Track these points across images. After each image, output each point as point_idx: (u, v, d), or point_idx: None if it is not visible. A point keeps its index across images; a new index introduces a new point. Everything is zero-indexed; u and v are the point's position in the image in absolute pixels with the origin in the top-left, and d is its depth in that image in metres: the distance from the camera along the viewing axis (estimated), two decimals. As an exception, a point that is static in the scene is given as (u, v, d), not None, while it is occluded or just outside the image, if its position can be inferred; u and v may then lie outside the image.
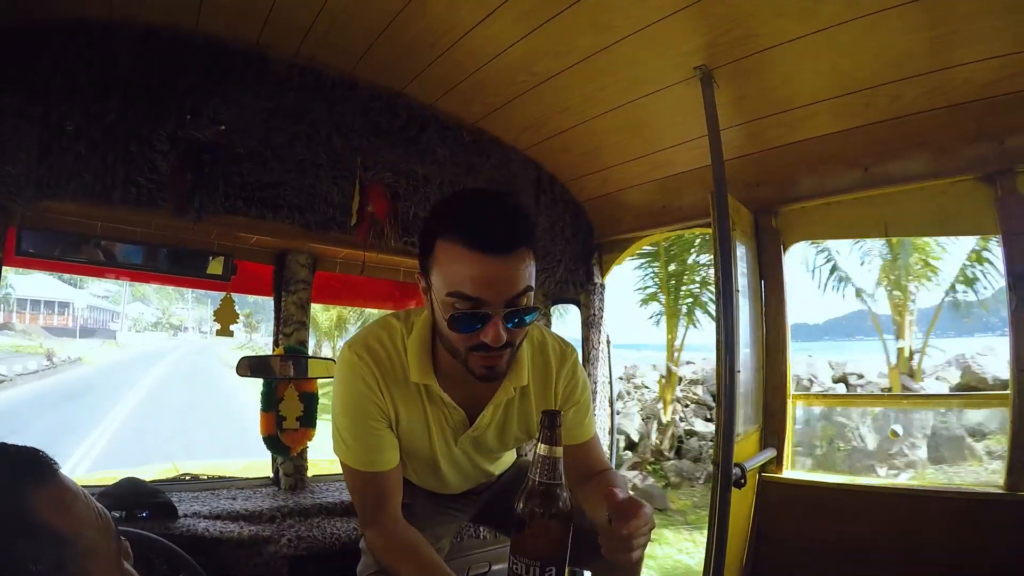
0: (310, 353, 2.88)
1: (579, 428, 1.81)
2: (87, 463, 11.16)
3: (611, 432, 3.57)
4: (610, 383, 3.52)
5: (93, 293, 72.51)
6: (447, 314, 1.41)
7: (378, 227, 2.67)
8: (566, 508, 1.20)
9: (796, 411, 2.99)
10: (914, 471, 9.78)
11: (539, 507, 1.18)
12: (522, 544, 1.19)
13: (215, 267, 2.69)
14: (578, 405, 1.81)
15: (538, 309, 1.52)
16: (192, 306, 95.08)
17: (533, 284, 1.45)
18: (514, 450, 2.12)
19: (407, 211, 2.82)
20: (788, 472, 2.87)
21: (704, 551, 2.36)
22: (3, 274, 2.24)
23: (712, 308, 11.89)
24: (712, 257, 2.32)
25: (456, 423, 1.74)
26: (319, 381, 2.84)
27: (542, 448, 1.19)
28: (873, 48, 2.05)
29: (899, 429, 10.79)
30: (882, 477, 9.33)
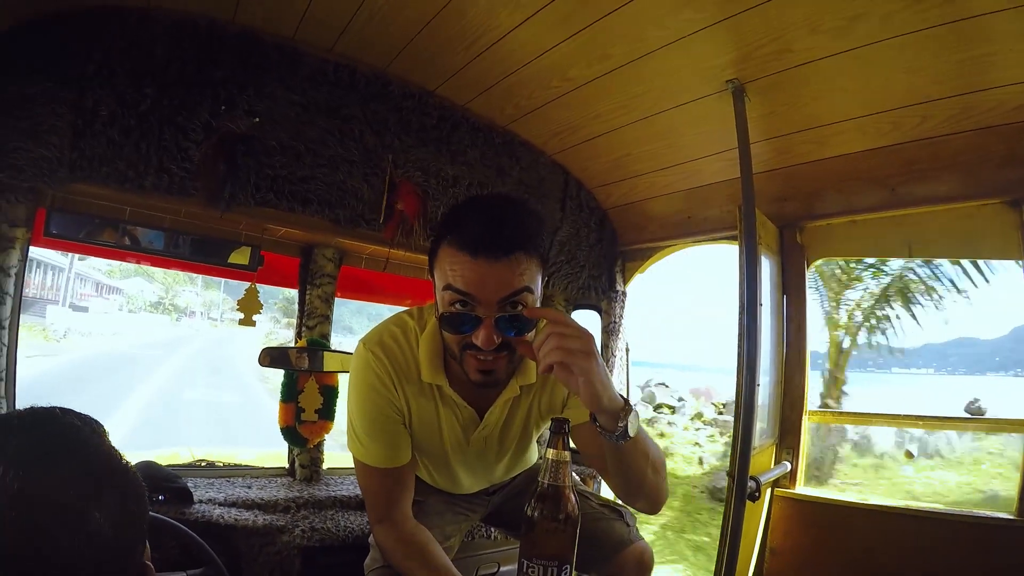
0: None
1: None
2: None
3: None
4: (627, 390, 3.52)
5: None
6: (443, 305, 1.44)
7: (407, 225, 2.69)
8: (574, 510, 1.23)
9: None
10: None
11: (549, 509, 1.22)
12: (534, 546, 1.23)
13: (237, 256, 2.71)
14: None
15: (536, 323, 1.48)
16: (200, 289, 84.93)
17: (534, 287, 1.45)
18: (531, 454, 2.14)
19: (436, 211, 2.83)
20: (801, 488, 2.86)
21: (715, 563, 2.35)
22: (30, 255, 2.26)
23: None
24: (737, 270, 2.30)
25: (467, 421, 1.75)
26: (339, 375, 2.86)
27: (550, 452, 1.23)
28: (905, 68, 2.05)
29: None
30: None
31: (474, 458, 1.88)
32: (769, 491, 2.80)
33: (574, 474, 2.32)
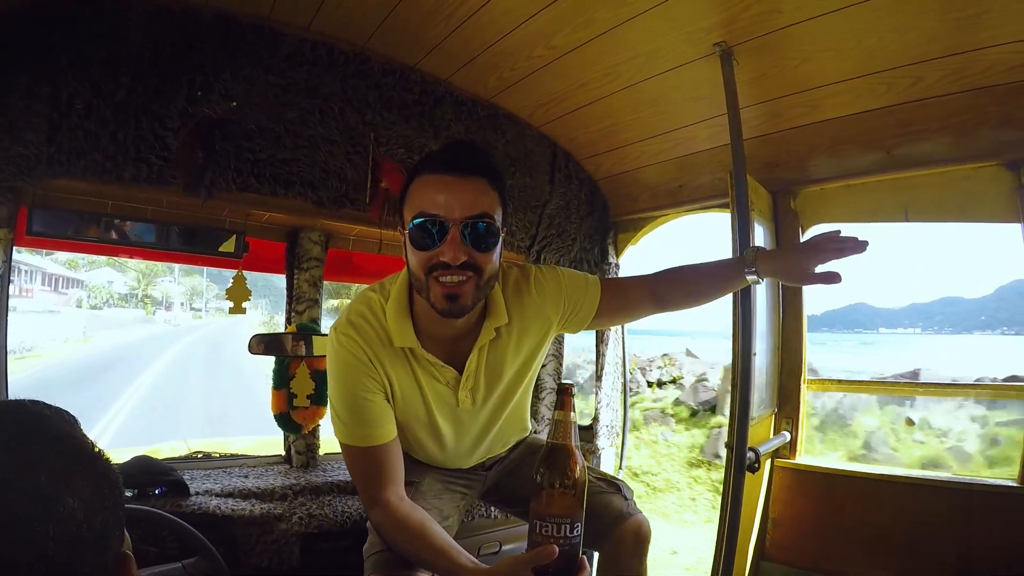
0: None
1: (608, 306, 1.96)
2: (105, 440, 10.98)
3: (623, 421, 3.55)
4: (623, 365, 3.51)
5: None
6: (412, 231, 1.56)
7: (392, 203, 2.64)
8: (583, 468, 1.34)
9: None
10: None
11: (559, 468, 1.31)
12: (547, 505, 1.31)
13: (228, 245, 2.68)
14: (584, 295, 1.93)
15: (501, 234, 1.63)
16: (179, 276, 79.17)
17: (496, 219, 1.59)
18: (524, 426, 2.18)
19: (420, 188, 2.77)
20: (801, 458, 2.85)
21: (715, 534, 2.35)
22: (13, 255, 2.23)
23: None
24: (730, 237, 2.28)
25: (449, 380, 1.80)
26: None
27: (557, 414, 1.34)
28: (897, 27, 1.99)
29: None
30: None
31: (467, 417, 1.91)
32: (769, 462, 2.79)
33: None
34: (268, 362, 2.80)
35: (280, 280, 2.98)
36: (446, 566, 1.56)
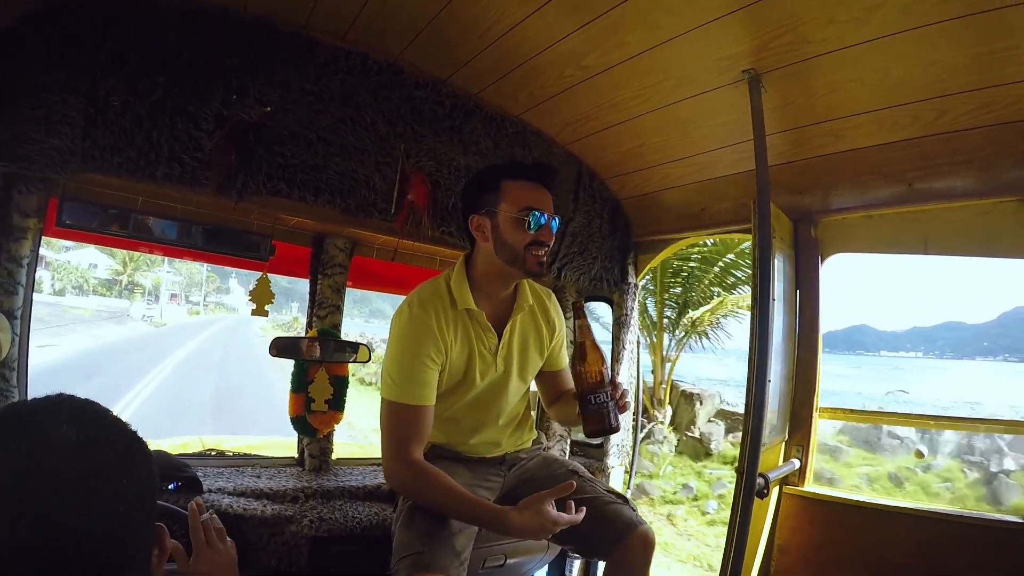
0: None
1: (561, 357, 2.45)
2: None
3: (635, 441, 3.55)
4: (637, 385, 3.51)
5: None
6: (521, 218, 2.03)
7: (416, 216, 2.68)
8: (600, 348, 2.04)
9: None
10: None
11: (591, 354, 2.01)
12: (591, 380, 1.98)
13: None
14: (562, 336, 2.43)
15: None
16: (173, 263, 68.87)
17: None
18: (531, 421, 2.47)
19: (446, 201, 2.82)
20: (810, 486, 2.85)
21: (721, 559, 2.35)
22: (41, 245, 2.27)
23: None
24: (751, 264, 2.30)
25: (491, 347, 2.18)
26: (349, 366, 2.87)
27: (578, 322, 2.09)
28: (924, 60, 2.00)
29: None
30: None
31: (497, 383, 2.24)
32: (777, 488, 2.78)
33: (580, 465, 2.39)
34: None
35: (283, 280, 3.02)
36: (483, 514, 1.89)
